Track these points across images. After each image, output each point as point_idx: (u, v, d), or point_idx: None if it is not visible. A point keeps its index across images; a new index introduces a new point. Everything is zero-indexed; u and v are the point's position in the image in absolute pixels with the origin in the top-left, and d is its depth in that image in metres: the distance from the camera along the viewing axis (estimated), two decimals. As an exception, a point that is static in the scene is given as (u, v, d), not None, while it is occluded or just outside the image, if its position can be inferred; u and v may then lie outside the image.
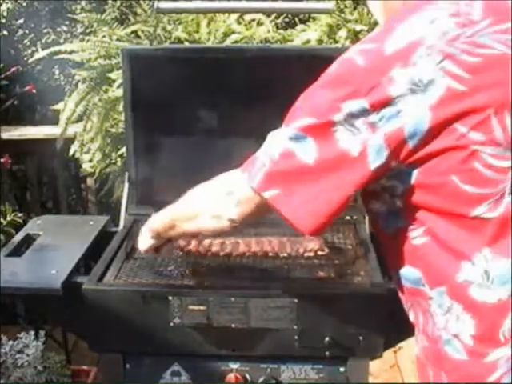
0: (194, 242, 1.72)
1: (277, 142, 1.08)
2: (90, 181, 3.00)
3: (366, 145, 0.99)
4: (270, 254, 1.67)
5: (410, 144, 0.97)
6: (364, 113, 0.98)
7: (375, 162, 0.99)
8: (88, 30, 3.08)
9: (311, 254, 1.67)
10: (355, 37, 2.53)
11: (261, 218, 1.24)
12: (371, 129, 0.98)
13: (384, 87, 0.97)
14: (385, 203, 1.08)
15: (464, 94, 0.95)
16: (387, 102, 0.97)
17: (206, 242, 1.72)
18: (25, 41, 3.27)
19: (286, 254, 1.67)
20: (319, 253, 1.67)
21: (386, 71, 0.97)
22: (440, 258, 1.03)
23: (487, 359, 1.02)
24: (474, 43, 0.96)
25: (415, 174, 1.00)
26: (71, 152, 2.70)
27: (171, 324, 1.49)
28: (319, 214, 1.05)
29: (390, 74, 0.96)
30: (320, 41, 2.57)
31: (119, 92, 2.44)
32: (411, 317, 1.19)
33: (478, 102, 0.95)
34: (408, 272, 1.10)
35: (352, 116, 0.99)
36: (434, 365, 1.12)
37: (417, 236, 1.05)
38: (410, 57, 0.96)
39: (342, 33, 2.52)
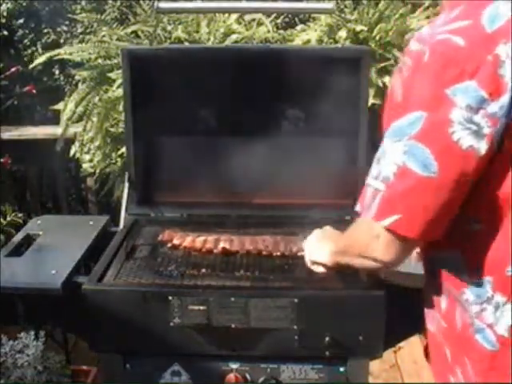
0: (188, 239, 1.72)
1: (387, 161, 1.00)
2: (90, 181, 3.00)
3: (491, 140, 0.93)
4: (264, 253, 1.68)
5: None
6: (483, 103, 0.92)
7: (501, 158, 0.96)
8: (88, 30, 3.09)
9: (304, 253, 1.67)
10: (355, 37, 2.53)
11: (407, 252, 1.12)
12: (492, 121, 0.92)
13: (492, 67, 0.92)
14: None
15: None
16: (502, 87, 0.92)
17: (201, 238, 1.72)
18: (25, 41, 3.28)
19: (279, 253, 1.68)
20: None
21: (491, 49, 0.92)
22: (496, 248, 1.02)
23: None
24: None
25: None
26: (71, 152, 2.70)
27: (171, 324, 1.49)
28: (443, 222, 1.01)
29: (495, 52, 0.92)
30: (320, 41, 2.57)
31: (119, 92, 2.44)
32: (433, 297, 1.17)
33: None
34: (450, 256, 1.08)
35: (470, 109, 0.92)
36: (455, 348, 1.12)
37: (476, 222, 1.02)
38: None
39: (342, 33, 2.52)
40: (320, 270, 1.48)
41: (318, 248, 1.46)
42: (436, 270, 1.13)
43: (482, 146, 0.94)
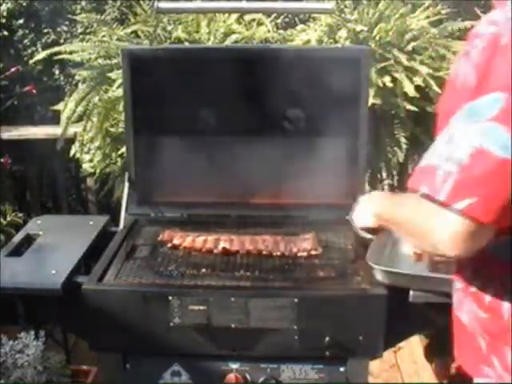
0: (188, 239, 1.72)
1: (462, 143, 0.96)
2: (90, 181, 3.00)
3: None
4: (264, 253, 1.68)
5: None
6: None
7: None
8: (88, 30, 3.09)
9: (305, 254, 1.67)
10: (355, 37, 2.53)
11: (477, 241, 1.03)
12: None
13: None
14: None
15: None
16: None
17: (201, 238, 1.72)
18: (25, 41, 3.27)
19: (279, 253, 1.68)
20: (312, 253, 1.68)
21: None
22: None
23: None
24: None
25: None
26: (71, 152, 2.70)
27: (171, 324, 1.49)
28: None
29: None
30: (320, 41, 2.57)
31: (119, 92, 2.44)
32: (477, 284, 1.14)
33: None
34: (504, 245, 1.06)
35: None
36: (495, 338, 1.11)
37: None
38: None
39: (342, 33, 2.52)
40: (368, 236, 1.46)
41: (361, 211, 1.42)
42: (488, 255, 1.10)
43: None
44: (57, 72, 3.23)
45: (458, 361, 1.21)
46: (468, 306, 1.17)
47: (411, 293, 1.49)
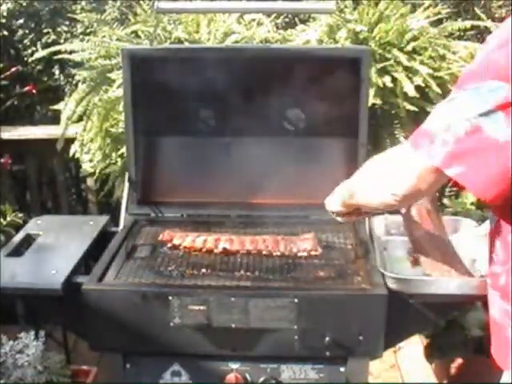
0: (188, 239, 1.72)
1: (463, 118, 1.05)
2: (90, 181, 3.00)
3: None
4: (264, 253, 1.68)
5: None
6: None
7: None
8: (88, 30, 3.08)
9: (305, 254, 1.67)
10: (355, 37, 2.53)
11: (424, 195, 1.27)
12: None
13: None
14: None
15: None
16: None
17: (201, 238, 1.72)
18: (25, 41, 3.27)
19: (279, 253, 1.68)
20: (312, 253, 1.68)
21: None
22: None
23: None
24: None
25: None
26: (71, 152, 2.70)
27: (171, 324, 1.49)
28: (502, 182, 1.04)
29: None
30: (320, 41, 2.57)
31: (119, 92, 2.44)
32: (502, 279, 1.20)
33: None
34: None
35: None
36: None
37: None
38: None
39: (342, 33, 2.52)
40: (340, 219, 1.57)
41: (331, 195, 1.55)
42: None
43: None
44: (57, 72, 3.23)
45: (494, 356, 1.24)
46: (497, 301, 1.21)
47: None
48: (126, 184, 1.92)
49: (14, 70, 2.95)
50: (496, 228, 1.22)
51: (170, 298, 1.47)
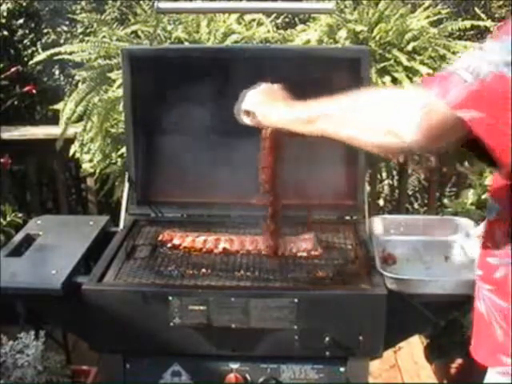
0: (188, 239, 1.72)
1: (488, 62, 0.96)
2: (90, 181, 3.00)
3: None
4: (264, 253, 1.68)
5: None
6: None
7: None
8: (88, 30, 3.08)
9: (304, 254, 1.67)
10: (355, 37, 2.53)
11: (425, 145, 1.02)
12: None
13: None
14: None
15: None
16: None
17: (201, 238, 1.72)
18: (25, 41, 3.27)
19: (279, 253, 1.68)
20: (312, 253, 1.68)
21: None
22: None
23: None
24: None
25: None
26: (71, 152, 2.70)
27: (171, 324, 1.49)
28: None
29: None
30: (320, 41, 2.57)
31: (119, 92, 2.44)
32: (500, 272, 1.14)
33: None
34: None
35: None
36: (510, 326, 1.11)
37: None
38: None
39: (342, 33, 2.52)
40: (247, 121, 1.40)
41: (269, 105, 1.35)
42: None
43: None
44: (57, 72, 3.23)
45: (473, 351, 1.21)
46: (485, 295, 1.17)
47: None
48: (126, 184, 1.92)
49: (14, 69, 2.95)
50: (499, 217, 1.16)
51: (170, 298, 1.47)
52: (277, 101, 1.36)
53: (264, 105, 1.36)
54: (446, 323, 2.18)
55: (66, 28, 3.25)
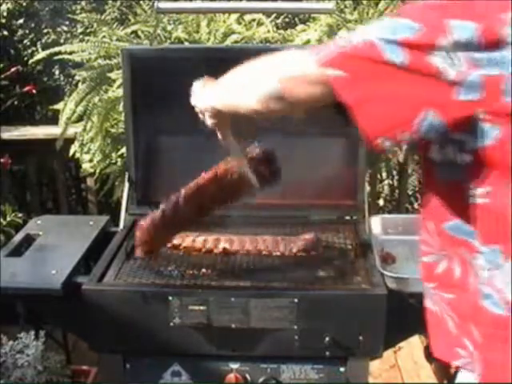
0: (188, 239, 1.72)
1: (364, 34, 0.99)
2: (90, 181, 3.00)
3: (462, 77, 0.93)
4: (264, 253, 1.68)
5: (505, 99, 0.94)
6: (470, 46, 0.93)
7: (463, 95, 0.94)
8: (88, 30, 3.08)
9: (304, 254, 1.67)
10: (355, 37, 2.53)
11: (303, 107, 1.12)
12: (471, 66, 0.93)
13: (499, 24, 0.93)
14: (446, 155, 1.04)
15: None
16: (497, 44, 0.93)
17: (201, 238, 1.72)
18: (25, 41, 3.27)
19: (279, 253, 1.68)
20: (312, 253, 1.68)
21: (506, 10, 0.93)
22: (497, 220, 1.02)
23: None
24: None
25: (497, 132, 0.96)
26: (71, 152, 2.70)
27: (171, 324, 1.49)
28: (383, 116, 0.98)
29: (509, 14, 0.93)
30: (320, 41, 2.57)
31: (119, 92, 2.44)
32: (440, 267, 1.15)
33: None
34: (459, 224, 1.07)
35: (457, 46, 0.93)
36: (462, 317, 1.11)
37: (479, 195, 1.02)
38: None
39: (342, 33, 2.52)
40: (212, 121, 1.43)
41: (203, 92, 1.41)
42: (446, 235, 1.12)
43: (452, 73, 0.94)
44: (57, 72, 3.23)
45: (433, 350, 1.20)
46: (432, 293, 1.17)
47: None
48: (126, 184, 1.92)
49: (14, 69, 2.95)
50: (424, 216, 1.17)
51: (170, 298, 1.47)
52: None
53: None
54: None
55: (66, 28, 3.25)
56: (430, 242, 1.17)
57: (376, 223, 1.82)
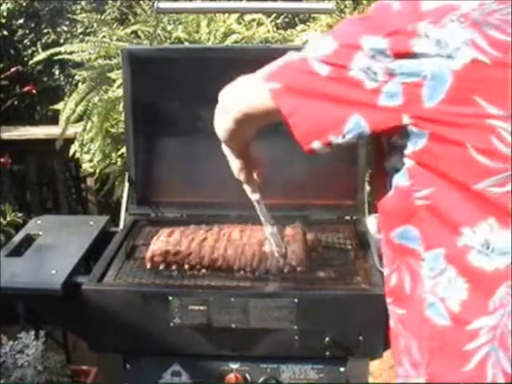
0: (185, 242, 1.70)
1: (302, 51, 1.08)
2: (90, 181, 3.00)
3: (381, 86, 0.98)
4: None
5: (426, 104, 0.96)
6: (383, 56, 0.97)
7: (386, 101, 0.98)
8: (88, 30, 3.09)
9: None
10: (355, 37, 2.53)
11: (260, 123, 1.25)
12: (389, 75, 0.97)
13: (407, 37, 0.96)
14: (393, 162, 1.07)
15: (487, 68, 0.94)
16: (408, 54, 0.96)
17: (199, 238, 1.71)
18: (25, 41, 3.28)
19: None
20: (312, 253, 1.66)
21: (414, 21, 0.96)
22: (440, 222, 1.02)
23: (470, 327, 1.00)
24: (507, 22, 0.94)
25: (427, 136, 0.98)
26: (71, 152, 2.70)
27: (171, 324, 1.49)
28: (314, 121, 1.06)
29: (417, 25, 0.96)
30: (320, 41, 2.57)
31: (119, 92, 2.44)
32: (393, 280, 1.15)
33: (500, 79, 0.94)
34: (406, 230, 1.08)
35: (372, 59, 0.98)
36: (408, 331, 1.10)
37: (420, 197, 1.03)
38: (442, 18, 0.95)
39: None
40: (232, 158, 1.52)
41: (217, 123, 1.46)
42: (394, 245, 1.12)
43: (372, 84, 0.99)
44: (57, 72, 3.24)
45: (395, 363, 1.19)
46: (390, 309, 1.17)
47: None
48: (126, 184, 1.92)
49: (14, 69, 2.95)
50: (381, 226, 1.19)
51: (170, 298, 1.47)
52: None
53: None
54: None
55: (66, 28, 3.25)
56: (385, 253, 1.17)
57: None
